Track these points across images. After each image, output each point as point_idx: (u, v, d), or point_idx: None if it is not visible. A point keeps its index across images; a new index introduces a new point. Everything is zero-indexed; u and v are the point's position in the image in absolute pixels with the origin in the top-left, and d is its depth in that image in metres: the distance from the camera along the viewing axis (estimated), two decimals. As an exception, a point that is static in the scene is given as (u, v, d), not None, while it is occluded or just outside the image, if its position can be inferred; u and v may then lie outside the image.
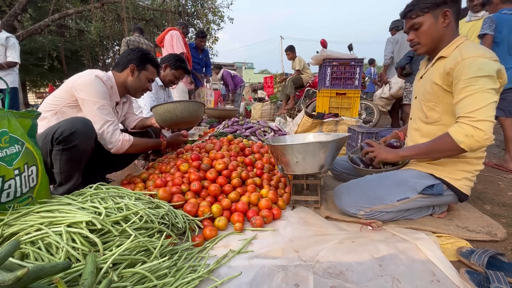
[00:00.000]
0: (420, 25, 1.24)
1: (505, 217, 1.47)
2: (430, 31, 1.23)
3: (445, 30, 1.23)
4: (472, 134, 1.06)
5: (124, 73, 1.66)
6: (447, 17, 1.20)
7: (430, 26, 1.22)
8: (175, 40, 3.91)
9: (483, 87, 1.06)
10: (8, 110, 1.04)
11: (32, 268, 0.61)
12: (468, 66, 1.09)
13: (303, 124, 2.94)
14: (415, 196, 1.28)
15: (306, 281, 0.95)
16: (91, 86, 1.48)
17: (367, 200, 1.32)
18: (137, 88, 1.71)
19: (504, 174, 2.22)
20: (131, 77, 1.67)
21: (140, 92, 1.76)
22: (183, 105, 1.71)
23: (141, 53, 1.68)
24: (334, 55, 3.49)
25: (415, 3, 1.24)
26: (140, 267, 0.86)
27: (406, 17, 1.28)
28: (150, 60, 1.70)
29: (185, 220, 1.24)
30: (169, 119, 1.73)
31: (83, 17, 9.78)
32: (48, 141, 1.31)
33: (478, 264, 1.00)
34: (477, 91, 1.07)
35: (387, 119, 6.49)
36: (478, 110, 1.06)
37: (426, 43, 1.27)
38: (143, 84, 1.71)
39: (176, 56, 2.43)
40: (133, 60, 1.65)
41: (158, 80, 2.44)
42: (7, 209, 0.98)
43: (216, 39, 11.40)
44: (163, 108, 1.71)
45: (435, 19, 1.21)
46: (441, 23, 1.21)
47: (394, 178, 1.35)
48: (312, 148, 1.35)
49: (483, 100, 1.06)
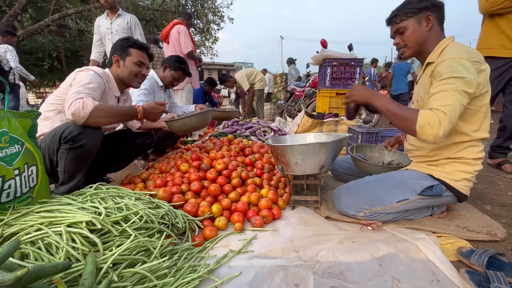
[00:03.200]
0: (404, 29, 1.29)
1: (505, 217, 1.47)
2: (414, 34, 1.28)
3: (428, 34, 1.27)
4: (433, 126, 1.06)
5: (113, 67, 1.66)
6: (429, 21, 1.25)
7: (414, 30, 1.27)
8: (182, 37, 3.57)
9: (458, 87, 1.08)
10: (8, 110, 1.04)
11: (32, 268, 0.61)
12: (446, 66, 1.12)
13: (303, 124, 2.94)
14: (414, 197, 1.28)
15: (306, 281, 0.95)
16: (84, 74, 1.46)
17: (367, 202, 1.32)
18: (129, 76, 1.65)
19: (504, 174, 2.22)
20: (119, 68, 1.65)
21: (134, 80, 1.68)
22: (197, 118, 1.81)
23: (119, 40, 1.67)
24: (334, 55, 3.49)
25: (399, 8, 1.30)
26: (140, 267, 0.86)
27: (392, 22, 1.34)
28: (131, 44, 1.65)
29: (185, 220, 1.24)
30: (185, 130, 1.85)
31: (83, 17, 9.76)
32: (56, 139, 1.32)
33: (478, 264, 1.00)
34: (452, 89, 1.09)
35: (387, 119, 6.48)
36: (449, 107, 1.07)
37: (411, 46, 1.31)
38: (131, 70, 1.64)
39: (176, 57, 2.41)
40: (116, 51, 1.65)
41: (159, 80, 2.42)
42: (7, 209, 0.98)
43: (216, 39, 11.40)
44: (179, 122, 1.80)
45: (418, 23, 1.27)
46: (424, 27, 1.26)
47: (393, 180, 1.35)
48: (312, 148, 1.35)
49: (455, 99, 1.08)
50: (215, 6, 10.76)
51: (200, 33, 11.29)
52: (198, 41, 11.60)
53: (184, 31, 3.56)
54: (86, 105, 1.29)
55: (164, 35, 3.73)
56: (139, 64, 1.66)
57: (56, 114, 1.50)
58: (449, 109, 1.06)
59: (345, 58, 3.49)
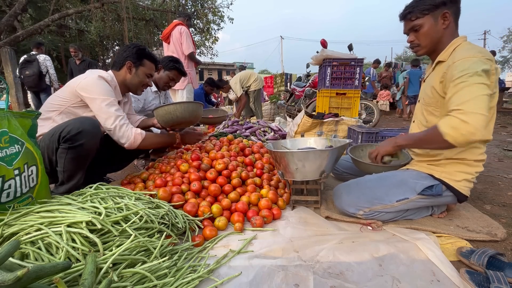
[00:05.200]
0: (420, 27, 1.23)
1: (505, 217, 1.47)
2: (430, 32, 1.22)
3: (444, 32, 1.22)
4: (458, 126, 1.01)
5: (122, 71, 1.66)
6: (446, 18, 1.20)
7: (430, 28, 1.22)
8: (184, 38, 3.52)
9: (472, 82, 1.05)
10: (8, 110, 1.04)
11: (32, 268, 0.61)
12: (457, 67, 1.09)
13: (303, 124, 2.93)
14: (414, 196, 1.28)
15: (306, 281, 0.95)
16: (96, 86, 1.48)
17: (367, 200, 1.32)
18: (137, 85, 1.70)
19: (504, 174, 2.22)
20: (129, 74, 1.66)
21: (140, 89, 1.75)
22: (183, 106, 1.73)
23: (136, 48, 1.66)
24: (334, 55, 3.49)
25: (414, 4, 1.23)
26: (140, 267, 0.86)
27: (406, 19, 1.27)
28: (147, 55, 1.68)
29: (185, 220, 1.24)
30: (170, 120, 1.75)
31: (83, 17, 9.77)
32: (55, 139, 1.32)
33: (478, 264, 1.00)
34: (465, 86, 1.05)
35: (387, 119, 6.49)
36: (466, 103, 1.02)
37: (425, 45, 1.26)
38: (142, 80, 1.70)
39: (169, 57, 2.36)
40: (130, 57, 1.64)
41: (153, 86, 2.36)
42: (7, 209, 0.98)
43: (216, 39, 11.40)
44: (163, 109, 1.73)
45: (434, 20, 1.21)
46: (440, 24, 1.21)
47: (393, 179, 1.35)
48: (312, 155, 1.34)
49: (470, 93, 1.03)
50: (215, 6, 10.77)
51: (200, 33, 11.29)
52: (198, 41, 11.60)
53: (186, 32, 3.54)
54: (136, 140, 1.55)
55: (165, 36, 3.70)
56: (148, 76, 1.73)
57: (57, 114, 1.49)
58: (467, 105, 1.01)
59: (345, 58, 3.49)
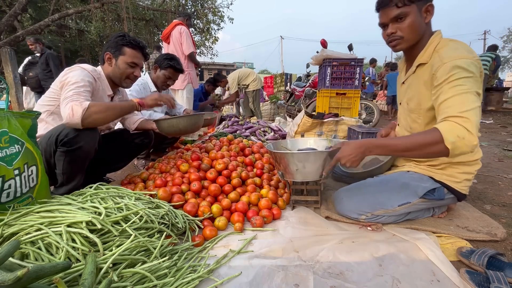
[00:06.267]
0: (405, 16, 1.11)
1: (505, 217, 1.47)
2: (415, 24, 1.11)
3: (425, 27, 1.14)
4: (464, 136, 0.93)
5: (105, 64, 1.60)
6: (429, 12, 1.12)
7: (416, 19, 1.11)
8: (184, 38, 3.48)
9: (471, 89, 0.98)
10: (8, 110, 1.04)
11: (32, 268, 0.61)
12: (452, 68, 1.02)
13: (303, 124, 2.93)
14: (416, 200, 1.27)
15: (306, 281, 0.95)
16: (74, 73, 1.42)
17: (368, 205, 1.30)
18: (119, 76, 1.59)
19: (504, 174, 2.22)
20: (110, 66, 1.58)
21: (125, 81, 1.63)
22: (185, 120, 1.76)
23: (115, 38, 1.57)
24: (334, 55, 3.49)
25: None
26: (140, 267, 0.86)
27: (390, 5, 1.11)
28: (127, 42, 1.55)
29: (185, 220, 1.24)
30: (172, 132, 1.78)
31: (83, 17, 9.78)
32: (53, 142, 1.31)
33: (478, 264, 1.00)
34: (465, 91, 0.98)
35: (387, 119, 6.49)
36: (469, 112, 0.95)
37: (409, 39, 1.15)
38: (123, 71, 1.57)
39: (164, 55, 2.31)
40: (108, 48, 1.56)
41: (153, 86, 2.34)
42: (7, 209, 0.98)
43: (216, 39, 11.40)
44: (166, 123, 1.75)
45: (419, 12, 1.11)
46: (423, 18, 1.12)
47: (395, 183, 1.33)
48: (313, 157, 1.34)
49: (472, 102, 0.97)
50: (215, 6, 10.77)
51: (200, 33, 11.29)
52: (198, 41, 11.61)
53: (186, 32, 3.52)
54: (75, 111, 1.25)
55: (165, 36, 3.68)
56: (132, 65, 1.58)
57: (48, 115, 1.47)
58: (470, 114, 0.94)
59: (345, 58, 3.49)
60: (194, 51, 3.61)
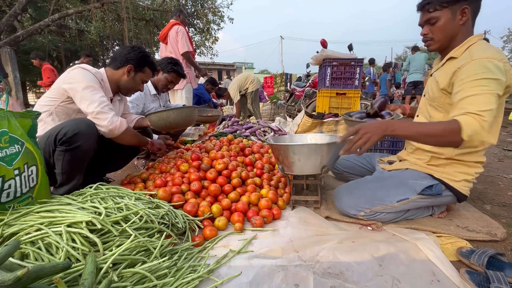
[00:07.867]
0: (436, 20, 1.19)
1: (505, 217, 1.47)
2: (446, 27, 1.18)
3: (460, 28, 1.18)
4: (479, 132, 0.99)
5: (120, 71, 1.62)
6: (465, 14, 1.16)
7: (447, 22, 1.17)
8: (180, 37, 3.50)
9: (493, 90, 1.02)
10: (8, 110, 1.04)
11: (32, 268, 0.61)
12: (478, 66, 1.05)
13: (303, 124, 2.93)
14: (414, 196, 1.28)
15: (306, 281, 0.95)
16: (78, 75, 1.43)
17: (367, 201, 1.32)
18: (130, 89, 1.69)
19: (504, 174, 2.22)
20: (126, 77, 1.62)
21: (131, 92, 1.75)
22: (175, 113, 1.75)
23: (142, 54, 1.64)
24: (334, 55, 3.49)
25: None
26: (140, 267, 0.86)
27: (424, 9, 1.22)
28: (149, 63, 1.67)
29: (185, 220, 1.24)
30: (163, 126, 1.78)
31: (83, 17, 9.77)
32: (51, 141, 1.31)
33: (478, 264, 1.00)
34: (487, 92, 1.02)
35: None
36: (488, 112, 0.99)
37: (439, 40, 1.22)
38: (136, 86, 1.69)
39: (168, 59, 2.32)
40: (132, 61, 1.61)
41: (152, 89, 2.34)
42: (7, 209, 0.98)
43: (216, 39, 11.40)
44: (156, 116, 1.74)
45: (452, 15, 1.16)
46: (458, 20, 1.17)
47: (393, 179, 1.35)
48: (314, 149, 1.34)
49: (491, 104, 1.01)
50: (215, 6, 10.76)
51: (200, 33, 11.29)
52: (198, 41, 11.60)
53: (182, 32, 3.50)
54: (121, 126, 1.48)
55: (162, 36, 3.67)
56: (143, 82, 1.72)
57: (48, 115, 1.47)
58: (488, 114, 0.99)
59: (345, 58, 3.48)
60: (189, 50, 3.58)
